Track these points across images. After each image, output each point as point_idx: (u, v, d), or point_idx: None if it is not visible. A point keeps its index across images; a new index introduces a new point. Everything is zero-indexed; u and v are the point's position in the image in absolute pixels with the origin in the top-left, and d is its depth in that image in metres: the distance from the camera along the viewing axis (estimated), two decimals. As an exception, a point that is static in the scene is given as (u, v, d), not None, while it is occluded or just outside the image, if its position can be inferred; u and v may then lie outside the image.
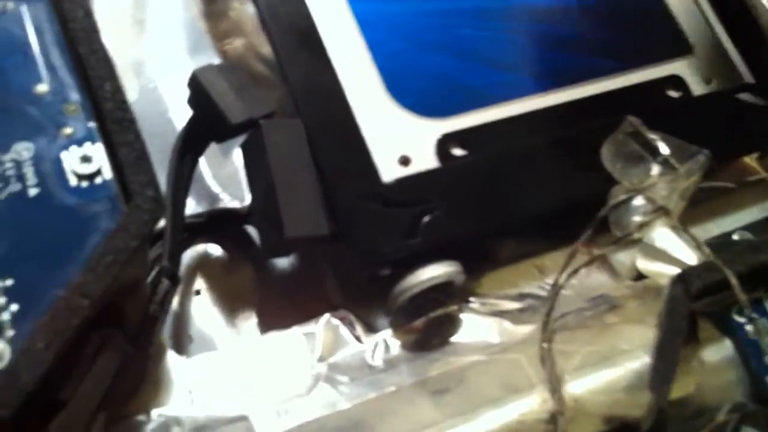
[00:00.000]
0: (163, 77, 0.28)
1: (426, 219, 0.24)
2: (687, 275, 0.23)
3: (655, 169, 0.25)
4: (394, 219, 0.24)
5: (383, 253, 0.23)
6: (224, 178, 0.27)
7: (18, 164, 0.20)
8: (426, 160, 0.25)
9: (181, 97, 0.28)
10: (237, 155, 0.27)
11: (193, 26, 0.29)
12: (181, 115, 0.27)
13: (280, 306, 0.25)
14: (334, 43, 0.26)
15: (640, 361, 0.23)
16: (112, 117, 0.21)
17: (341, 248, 0.24)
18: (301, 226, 0.22)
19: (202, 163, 0.27)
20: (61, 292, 0.18)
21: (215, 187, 0.27)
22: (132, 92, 0.28)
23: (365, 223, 0.24)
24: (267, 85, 0.28)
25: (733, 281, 0.22)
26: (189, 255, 0.25)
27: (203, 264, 0.25)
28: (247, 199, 0.27)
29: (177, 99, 0.28)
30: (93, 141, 0.21)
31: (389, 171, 0.25)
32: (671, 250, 0.24)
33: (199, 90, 0.23)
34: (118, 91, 0.21)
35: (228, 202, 0.27)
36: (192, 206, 0.26)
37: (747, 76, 0.30)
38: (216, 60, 0.29)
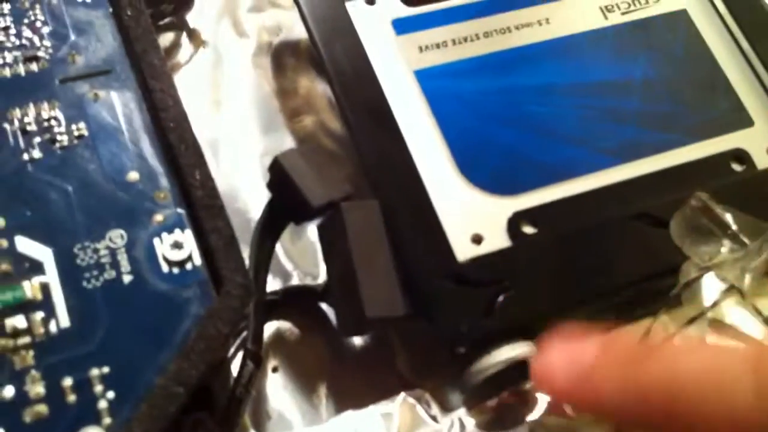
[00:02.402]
0: (238, 156, 0.29)
1: (501, 298, 0.24)
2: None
3: (726, 245, 0.25)
4: (471, 298, 0.24)
5: (461, 333, 0.23)
6: (297, 254, 0.28)
7: (112, 252, 0.21)
8: (497, 239, 0.25)
9: (255, 176, 0.29)
10: (309, 232, 0.28)
11: (266, 105, 0.30)
12: (255, 193, 0.28)
13: (354, 382, 0.25)
14: (406, 121, 0.27)
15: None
16: (201, 204, 0.21)
17: (415, 326, 0.24)
18: (380, 306, 0.23)
19: (275, 240, 0.27)
20: (158, 380, 0.19)
21: (288, 264, 0.28)
22: (208, 171, 0.28)
23: (442, 303, 0.24)
24: (337, 161, 0.29)
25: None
26: (265, 332, 0.26)
27: (279, 341, 0.26)
28: (320, 275, 0.27)
29: (252, 178, 0.29)
30: (183, 228, 0.21)
31: (463, 250, 0.25)
32: (742, 327, 0.24)
33: (281, 174, 0.24)
34: (207, 178, 0.22)
35: (301, 278, 0.27)
36: (266, 283, 0.27)
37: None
38: (288, 138, 0.30)
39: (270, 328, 0.26)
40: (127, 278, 0.21)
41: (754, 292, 0.25)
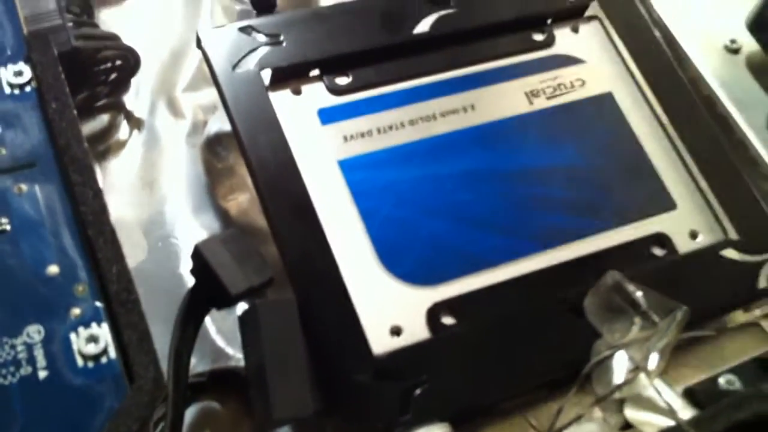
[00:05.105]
0: (173, 235, 0.30)
1: (417, 392, 0.24)
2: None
3: (637, 323, 0.26)
4: (386, 393, 0.24)
5: (375, 430, 0.24)
6: (228, 332, 0.28)
7: (29, 347, 0.21)
8: (417, 330, 0.26)
9: (186, 255, 0.29)
10: (240, 310, 0.28)
11: (200, 183, 0.31)
12: (187, 273, 0.29)
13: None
14: (327, 213, 0.27)
15: None
16: (117, 299, 0.22)
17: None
18: (288, 407, 0.23)
19: (206, 317, 0.28)
20: (65, 479, 0.19)
21: (219, 341, 0.28)
22: (141, 251, 0.29)
23: (357, 398, 0.24)
24: (270, 240, 0.29)
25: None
26: (191, 412, 0.26)
27: (206, 422, 0.26)
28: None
29: (185, 256, 0.29)
30: (99, 321, 0.22)
31: (380, 343, 0.25)
32: (658, 400, 0.25)
33: (201, 262, 0.24)
34: (124, 272, 0.22)
35: (232, 355, 0.28)
36: (195, 362, 0.27)
37: (731, 231, 0.30)
38: (222, 216, 0.30)
39: (199, 408, 0.27)
40: (42, 374, 0.21)
41: (664, 369, 0.26)
